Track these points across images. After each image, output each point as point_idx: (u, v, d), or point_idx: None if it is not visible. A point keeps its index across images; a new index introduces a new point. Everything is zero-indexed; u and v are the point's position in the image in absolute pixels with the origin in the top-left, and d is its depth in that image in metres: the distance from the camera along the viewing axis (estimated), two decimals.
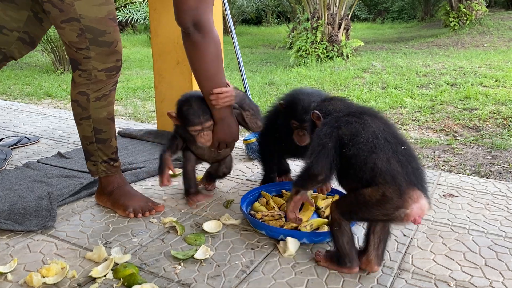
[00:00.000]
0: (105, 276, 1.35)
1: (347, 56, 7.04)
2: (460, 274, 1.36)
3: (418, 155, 2.43)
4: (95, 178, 2.01)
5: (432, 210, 1.79)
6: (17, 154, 2.57)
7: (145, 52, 9.41)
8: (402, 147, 1.26)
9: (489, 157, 2.86)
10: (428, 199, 1.23)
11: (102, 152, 1.78)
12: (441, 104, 4.08)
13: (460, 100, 4.22)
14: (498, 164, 2.74)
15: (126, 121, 3.42)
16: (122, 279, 1.33)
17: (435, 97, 4.33)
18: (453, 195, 1.92)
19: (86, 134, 1.75)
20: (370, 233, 1.36)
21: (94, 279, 1.34)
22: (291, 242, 1.48)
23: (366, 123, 1.30)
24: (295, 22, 9.82)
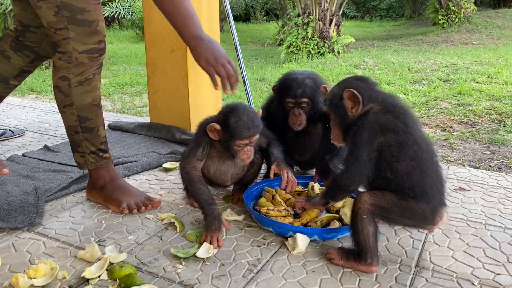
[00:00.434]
0: (99, 277, 1.24)
1: (338, 52, 6.98)
2: (483, 272, 1.27)
3: None
4: (86, 172, 1.88)
5: None
6: (0, 147, 2.42)
7: (132, 48, 9.22)
8: (435, 159, 1.28)
9: (487, 152, 2.82)
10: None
11: (89, 142, 1.65)
12: (435, 100, 4.04)
13: (454, 96, 4.19)
14: (497, 159, 2.70)
15: (116, 114, 3.29)
16: (118, 280, 1.22)
17: (429, 93, 4.29)
18: (464, 189, 1.84)
19: (70, 123, 1.63)
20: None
21: (87, 280, 1.23)
22: (301, 238, 1.38)
23: (409, 131, 1.24)
24: (285, 18, 9.75)
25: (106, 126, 2.72)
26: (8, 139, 2.56)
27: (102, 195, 1.70)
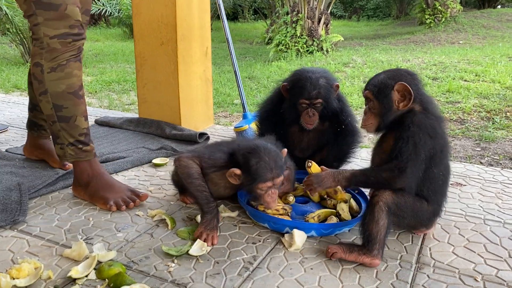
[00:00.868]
0: (86, 276, 1.18)
1: (327, 50, 6.96)
2: (485, 268, 1.24)
3: None
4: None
5: None
6: None
7: (119, 45, 9.08)
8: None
9: (478, 148, 2.83)
10: None
11: (67, 132, 1.59)
12: None
13: (442, 93, 4.21)
14: (488, 155, 2.69)
15: (104, 110, 3.20)
16: (107, 280, 1.16)
17: None
18: (461, 184, 1.82)
19: (47, 111, 1.59)
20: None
21: (74, 280, 1.16)
22: (298, 235, 1.33)
23: (446, 136, 1.26)
24: (274, 16, 9.70)
25: (93, 122, 2.64)
26: None
27: (87, 193, 1.63)
